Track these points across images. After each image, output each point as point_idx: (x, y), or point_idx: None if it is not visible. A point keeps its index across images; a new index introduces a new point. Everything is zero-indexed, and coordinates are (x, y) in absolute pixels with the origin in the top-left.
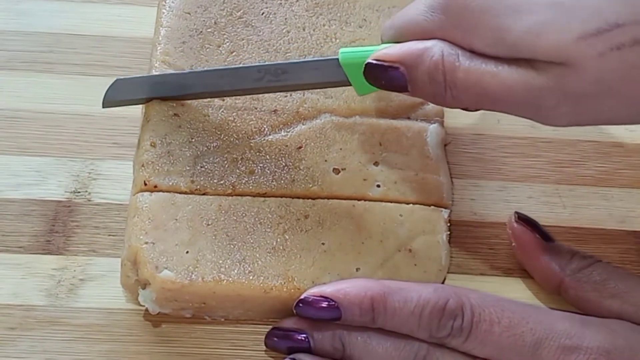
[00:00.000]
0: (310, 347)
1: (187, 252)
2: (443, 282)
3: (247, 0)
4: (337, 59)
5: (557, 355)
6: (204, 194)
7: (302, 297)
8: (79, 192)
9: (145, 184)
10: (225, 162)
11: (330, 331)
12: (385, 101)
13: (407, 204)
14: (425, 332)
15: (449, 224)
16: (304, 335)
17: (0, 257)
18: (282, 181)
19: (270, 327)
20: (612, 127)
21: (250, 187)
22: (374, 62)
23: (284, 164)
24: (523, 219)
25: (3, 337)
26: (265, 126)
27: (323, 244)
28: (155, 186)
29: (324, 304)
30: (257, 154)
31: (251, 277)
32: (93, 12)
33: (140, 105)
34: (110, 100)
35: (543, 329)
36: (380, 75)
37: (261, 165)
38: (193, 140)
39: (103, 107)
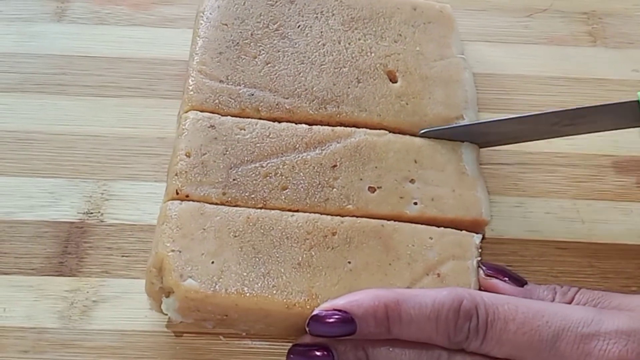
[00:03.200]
0: None
1: (213, 262)
2: None
3: (284, 13)
4: (637, 101)
5: (576, 345)
6: (234, 206)
7: (313, 313)
8: (92, 213)
9: (177, 193)
10: (258, 176)
11: (352, 342)
12: (420, 115)
13: (442, 224)
14: (444, 337)
15: (480, 250)
16: (326, 351)
17: (13, 279)
18: (316, 199)
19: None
20: (629, 140)
21: (282, 203)
22: None
23: (317, 182)
24: (492, 269)
25: None
26: (300, 143)
27: (349, 262)
28: (187, 196)
29: (337, 317)
30: (291, 170)
31: (274, 292)
32: (105, 34)
33: (172, 119)
34: None
35: (559, 320)
36: None
37: (294, 182)
38: (227, 152)
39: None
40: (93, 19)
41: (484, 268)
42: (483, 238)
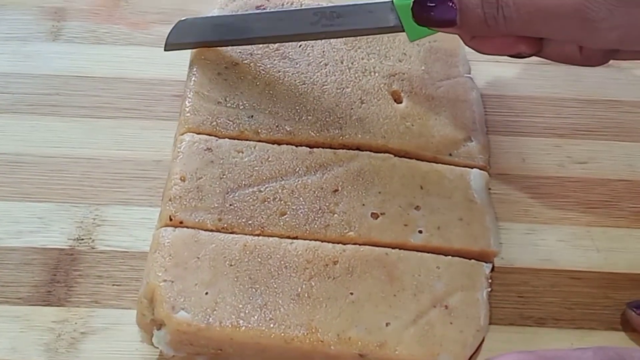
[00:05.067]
0: None
1: (207, 293)
2: (481, 344)
3: None
4: (391, 1)
5: None
6: (231, 233)
7: None
8: (83, 239)
9: (171, 219)
10: (256, 201)
11: None
12: (426, 137)
13: (448, 255)
14: None
15: (490, 280)
16: None
17: None
18: (315, 225)
19: None
20: None
21: (280, 230)
22: None
23: (318, 207)
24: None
25: None
26: (300, 167)
27: (351, 293)
28: (181, 222)
29: None
30: (290, 195)
31: (272, 325)
32: (101, 53)
33: (169, 142)
34: (173, 42)
35: None
36: (430, 9)
37: (294, 207)
38: (224, 176)
39: (165, 50)
40: (90, 39)
41: (634, 309)
42: (493, 268)
